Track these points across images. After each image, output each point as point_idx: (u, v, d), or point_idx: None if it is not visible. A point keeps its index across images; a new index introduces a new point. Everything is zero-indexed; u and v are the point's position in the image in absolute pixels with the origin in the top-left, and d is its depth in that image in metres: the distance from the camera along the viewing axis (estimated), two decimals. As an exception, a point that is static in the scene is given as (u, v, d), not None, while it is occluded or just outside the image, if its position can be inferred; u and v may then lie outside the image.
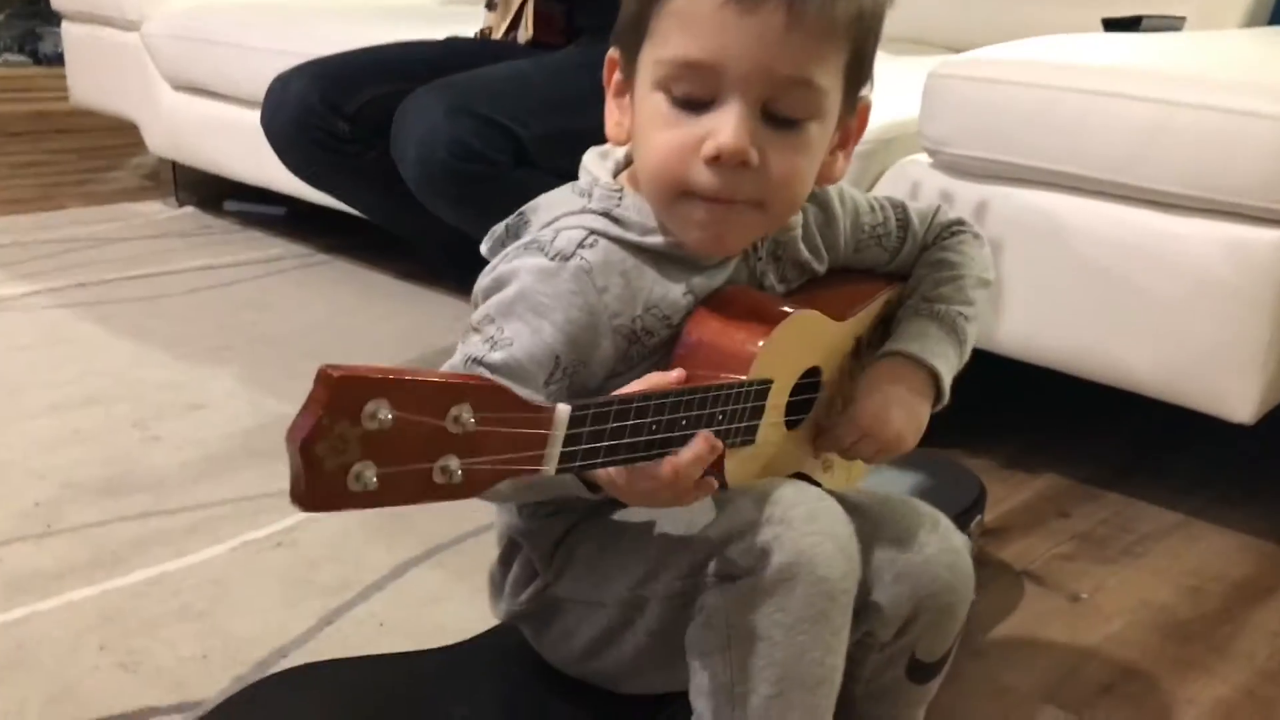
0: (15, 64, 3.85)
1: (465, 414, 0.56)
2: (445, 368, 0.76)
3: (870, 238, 0.92)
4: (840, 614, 0.76)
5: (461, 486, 0.57)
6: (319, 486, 0.53)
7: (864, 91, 0.80)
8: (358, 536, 1.28)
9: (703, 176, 0.74)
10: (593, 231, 0.78)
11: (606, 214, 0.79)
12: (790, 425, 0.84)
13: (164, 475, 1.41)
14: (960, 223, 0.96)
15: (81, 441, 1.49)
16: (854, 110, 0.80)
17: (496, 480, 0.59)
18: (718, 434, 0.71)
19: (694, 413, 0.70)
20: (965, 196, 1.41)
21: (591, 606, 0.86)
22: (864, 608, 0.84)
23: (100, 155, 3.36)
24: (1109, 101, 1.27)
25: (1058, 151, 1.31)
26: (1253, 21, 1.95)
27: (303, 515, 1.30)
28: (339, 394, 0.52)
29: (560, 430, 0.61)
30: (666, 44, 0.73)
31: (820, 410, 0.87)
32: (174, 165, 2.76)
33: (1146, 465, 1.57)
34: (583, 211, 0.79)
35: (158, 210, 2.75)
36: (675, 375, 0.71)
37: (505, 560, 0.91)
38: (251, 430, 1.53)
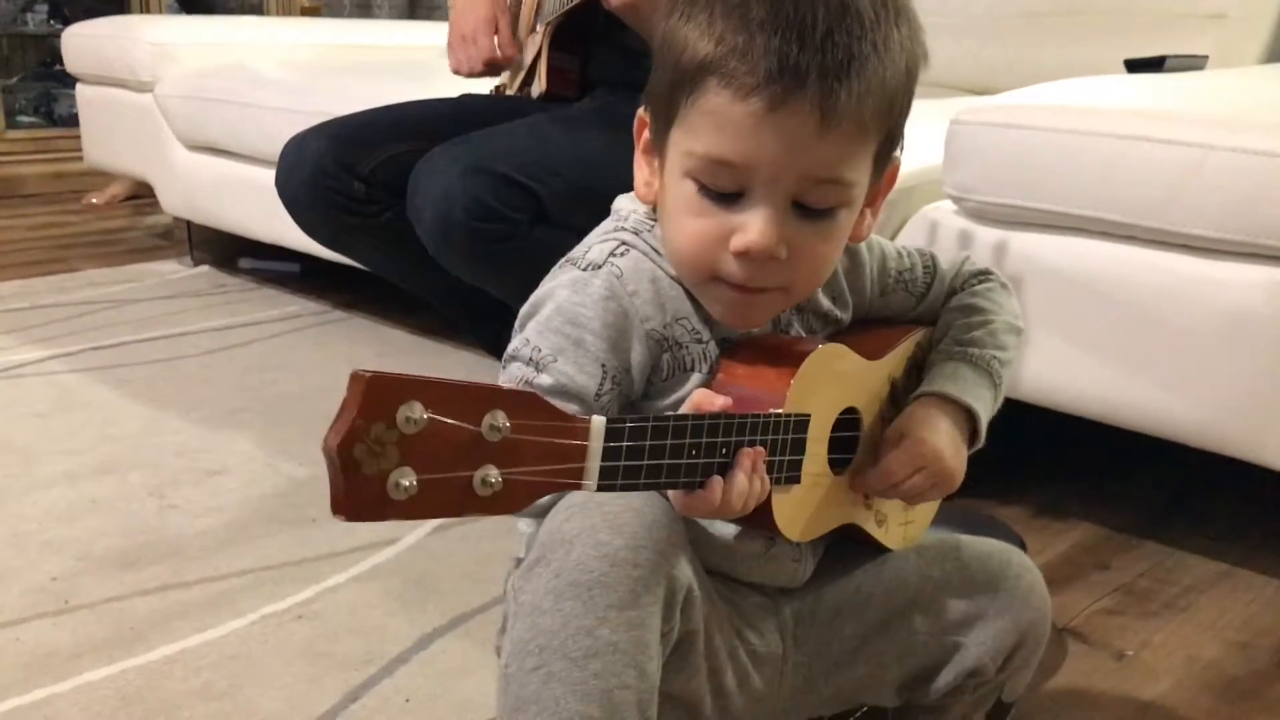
0: (30, 125, 3.87)
1: (501, 420, 0.56)
2: None
3: (897, 283, 0.92)
4: (627, 587, 0.70)
5: (502, 498, 0.57)
6: (360, 493, 0.52)
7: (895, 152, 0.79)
8: (380, 607, 1.25)
9: (731, 266, 0.74)
10: (624, 243, 0.79)
11: (638, 233, 0.80)
12: (836, 469, 0.83)
13: (182, 545, 1.38)
14: (988, 272, 0.95)
15: (98, 511, 1.47)
16: (883, 174, 0.79)
17: (537, 494, 0.59)
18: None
19: (734, 439, 0.69)
20: (991, 243, 1.38)
21: None
22: (966, 647, 0.86)
23: (115, 216, 3.37)
24: (1139, 145, 1.24)
25: (1087, 197, 1.29)
26: (1272, 58, 1.94)
27: (323, 585, 1.29)
28: (372, 394, 0.52)
29: (598, 442, 0.61)
30: (697, 139, 0.73)
31: (863, 458, 0.86)
32: (188, 224, 2.77)
33: (1184, 513, 1.53)
34: (617, 229, 0.81)
35: (173, 270, 2.75)
36: (720, 402, 0.70)
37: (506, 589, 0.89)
38: (270, 496, 1.51)
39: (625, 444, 0.63)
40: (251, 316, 2.35)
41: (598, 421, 0.61)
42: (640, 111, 0.81)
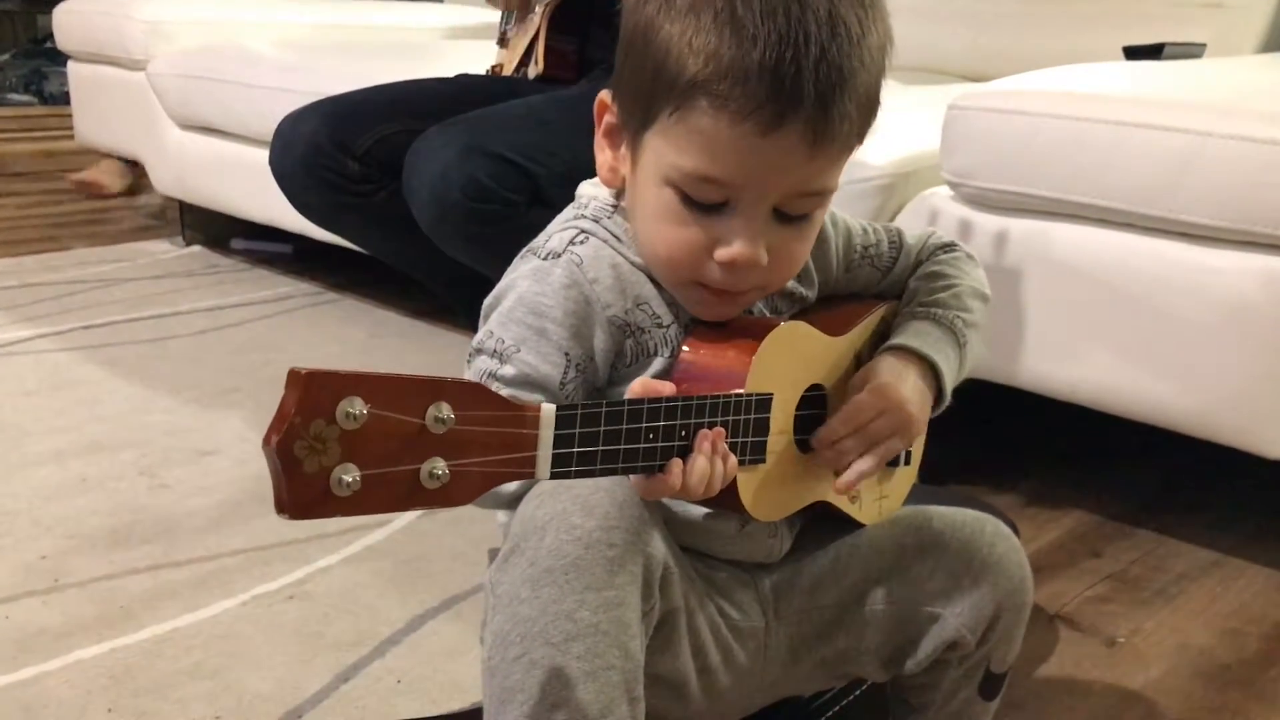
0: (21, 103, 3.85)
1: (445, 411, 0.56)
2: None
3: (863, 258, 0.92)
4: (603, 568, 0.69)
5: (451, 490, 0.57)
6: (301, 491, 0.52)
7: None
8: (371, 588, 1.24)
9: (713, 273, 0.75)
10: (583, 230, 0.79)
11: (598, 221, 0.80)
12: (804, 449, 0.82)
13: (173, 525, 1.38)
14: (953, 244, 0.95)
15: (88, 490, 1.46)
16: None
17: (488, 485, 0.58)
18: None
19: (693, 421, 0.69)
20: (988, 229, 1.38)
21: None
22: (944, 618, 0.85)
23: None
24: (1138, 132, 1.24)
25: (1085, 184, 1.28)
26: (1269, 46, 1.93)
27: (314, 566, 1.28)
28: (310, 391, 0.52)
29: (548, 430, 0.61)
30: (684, 155, 0.72)
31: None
32: (180, 204, 2.75)
33: (1178, 502, 1.53)
34: (576, 217, 0.81)
35: (164, 250, 2.73)
36: (667, 388, 0.70)
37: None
38: (261, 476, 1.49)
39: (578, 430, 0.62)
40: (244, 297, 2.34)
41: (547, 409, 0.61)
42: (603, 94, 0.79)
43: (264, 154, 1.64)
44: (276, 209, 1.96)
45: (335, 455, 0.53)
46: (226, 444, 1.60)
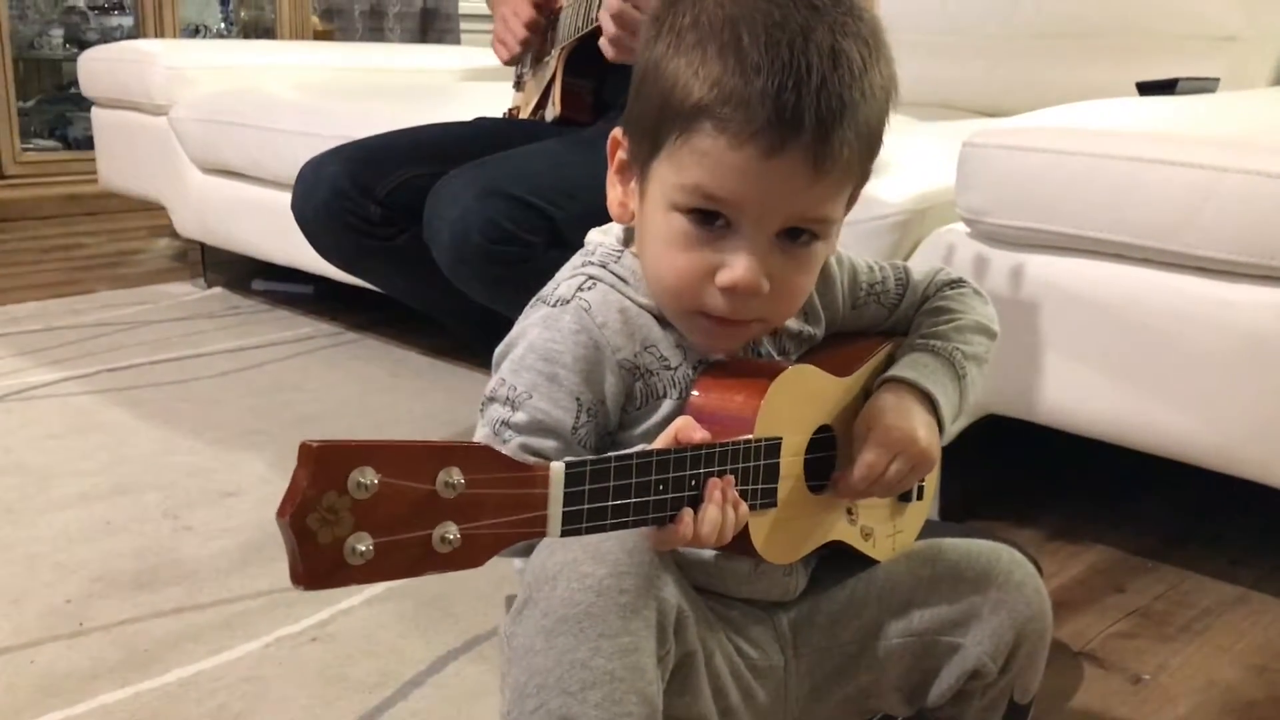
0: (45, 148, 3.90)
1: (455, 476, 0.56)
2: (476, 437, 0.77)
3: (869, 295, 0.93)
4: (616, 614, 0.70)
5: (464, 553, 0.57)
6: (316, 562, 0.53)
7: None
8: (394, 629, 1.25)
9: (715, 300, 0.76)
10: (591, 277, 0.81)
11: (605, 266, 0.81)
12: (815, 490, 0.83)
13: (196, 567, 1.38)
14: (960, 280, 0.96)
15: (112, 533, 1.47)
16: (853, 203, 0.82)
17: (500, 546, 0.59)
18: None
19: (702, 470, 0.70)
20: (1004, 266, 1.38)
21: None
22: (964, 648, 0.85)
23: (129, 238, 3.38)
24: (1153, 168, 1.24)
25: (1101, 219, 1.29)
26: (1284, 79, 1.94)
27: (337, 607, 1.29)
28: (322, 464, 0.53)
29: (558, 488, 0.62)
30: (688, 174, 0.74)
31: (841, 472, 0.86)
32: (202, 246, 2.78)
33: (1200, 536, 1.53)
34: (584, 264, 0.83)
35: (186, 291, 2.76)
36: (701, 434, 0.71)
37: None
38: (284, 517, 1.51)
39: (587, 487, 0.63)
40: (265, 338, 2.36)
41: (556, 468, 0.61)
42: (615, 132, 0.82)
43: (284, 196, 1.66)
44: (297, 250, 1.98)
45: (348, 525, 0.54)
46: (249, 485, 1.61)
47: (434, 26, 4.46)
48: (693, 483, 0.69)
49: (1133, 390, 1.32)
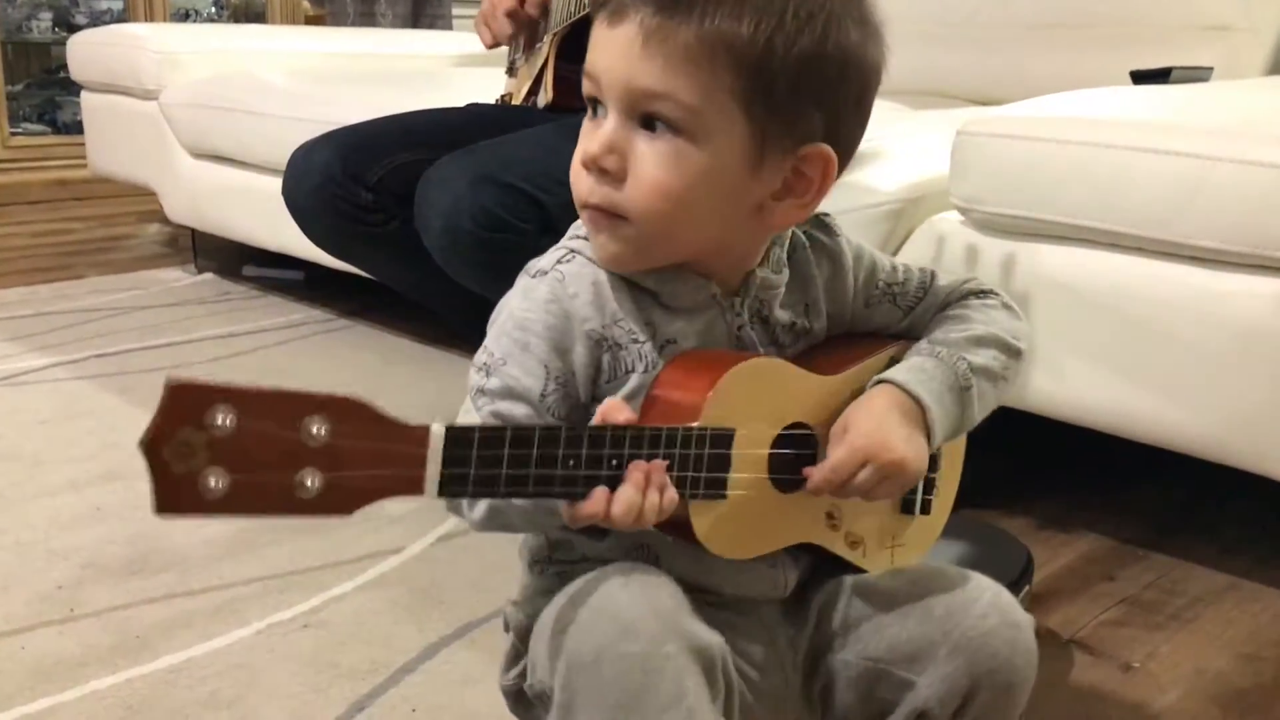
0: (34, 133, 3.88)
1: (319, 426, 0.58)
2: (460, 412, 0.78)
3: (884, 294, 0.89)
4: (669, 683, 0.69)
5: (327, 499, 0.59)
6: (171, 490, 0.56)
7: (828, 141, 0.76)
8: (386, 616, 1.25)
9: (582, 185, 0.77)
10: (571, 250, 0.81)
11: (586, 239, 0.81)
12: (786, 487, 0.80)
13: (187, 553, 1.38)
14: (991, 291, 0.91)
15: (103, 519, 1.47)
16: (793, 154, 0.76)
17: (370, 499, 0.60)
18: (673, 480, 0.71)
19: (627, 451, 0.69)
20: (998, 254, 1.38)
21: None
22: (914, 684, 0.80)
23: (119, 223, 3.37)
24: (1146, 157, 1.24)
25: (1094, 208, 1.29)
26: (1277, 69, 1.94)
27: (329, 594, 1.29)
28: (177, 400, 0.55)
29: (437, 451, 0.62)
30: None
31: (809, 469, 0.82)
32: (192, 232, 2.77)
33: (1191, 525, 1.53)
34: (570, 238, 0.83)
35: (177, 277, 2.75)
36: (625, 416, 0.70)
37: (506, 624, 0.88)
38: (275, 504, 1.51)
39: (475, 453, 0.63)
40: (256, 324, 2.36)
41: (436, 430, 0.62)
42: None
43: (275, 182, 1.65)
44: (288, 236, 1.97)
45: (203, 459, 0.56)
46: (240, 472, 1.60)
47: (425, 12, 4.43)
48: (613, 462, 0.69)
49: (1125, 379, 1.32)
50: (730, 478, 0.75)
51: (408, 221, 1.42)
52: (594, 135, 0.75)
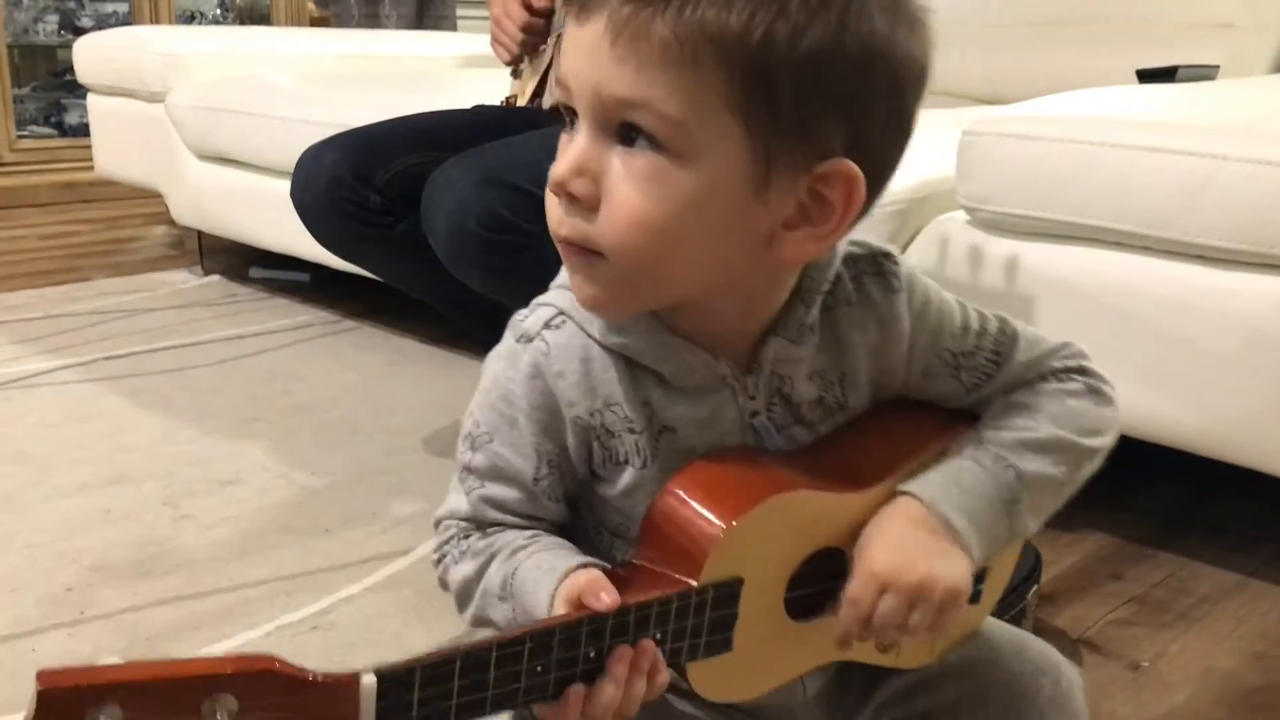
0: (41, 135, 3.89)
1: (223, 710, 0.50)
2: (449, 489, 0.73)
3: (947, 365, 0.75)
4: None
5: None
6: None
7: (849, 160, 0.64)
8: (395, 617, 1.25)
9: (551, 215, 0.65)
10: (561, 312, 0.70)
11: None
12: (805, 614, 0.71)
13: (196, 555, 1.38)
14: (1078, 371, 0.77)
15: (112, 522, 1.47)
16: (808, 172, 0.63)
17: None
18: (666, 654, 0.63)
19: (607, 643, 0.60)
20: (1004, 254, 1.39)
21: None
22: None
23: (125, 225, 3.38)
24: (1152, 156, 1.24)
25: (1100, 207, 1.29)
26: (1283, 67, 1.94)
27: (338, 595, 1.29)
28: (52, 706, 0.47)
29: (369, 703, 0.54)
30: None
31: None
32: (199, 234, 2.77)
33: (1198, 523, 1.53)
34: (560, 287, 0.71)
35: (183, 279, 2.75)
36: (607, 602, 0.61)
37: None
38: (283, 505, 1.51)
39: (416, 696, 0.55)
40: (263, 326, 2.36)
41: (367, 682, 0.54)
42: None
43: (281, 184, 1.65)
44: (294, 238, 1.97)
45: None
46: (248, 473, 1.61)
47: (430, 13, 4.44)
48: (591, 654, 0.60)
49: (1132, 378, 1.32)
50: (735, 633, 0.66)
51: (415, 223, 1.43)
52: (563, 154, 0.63)
